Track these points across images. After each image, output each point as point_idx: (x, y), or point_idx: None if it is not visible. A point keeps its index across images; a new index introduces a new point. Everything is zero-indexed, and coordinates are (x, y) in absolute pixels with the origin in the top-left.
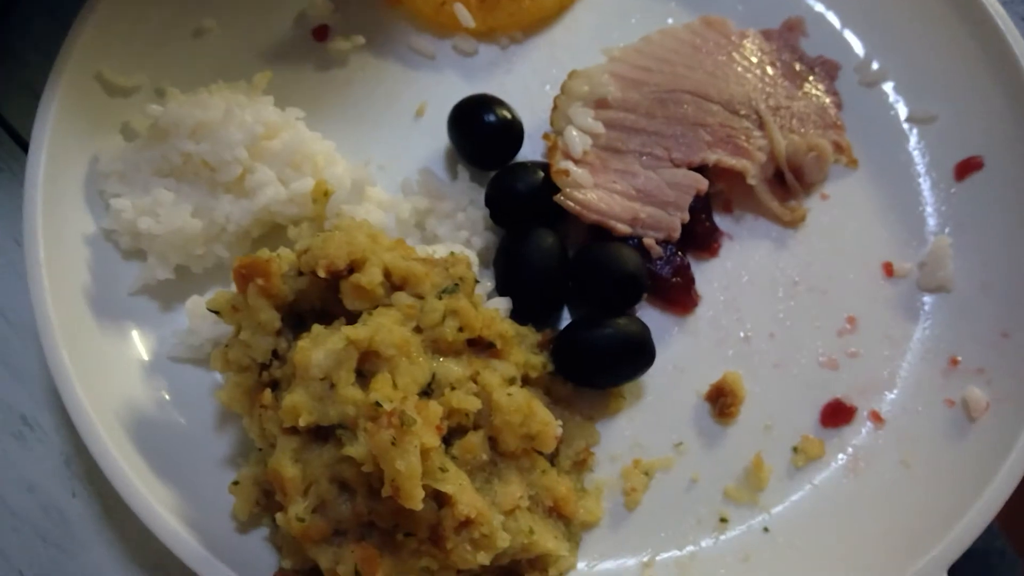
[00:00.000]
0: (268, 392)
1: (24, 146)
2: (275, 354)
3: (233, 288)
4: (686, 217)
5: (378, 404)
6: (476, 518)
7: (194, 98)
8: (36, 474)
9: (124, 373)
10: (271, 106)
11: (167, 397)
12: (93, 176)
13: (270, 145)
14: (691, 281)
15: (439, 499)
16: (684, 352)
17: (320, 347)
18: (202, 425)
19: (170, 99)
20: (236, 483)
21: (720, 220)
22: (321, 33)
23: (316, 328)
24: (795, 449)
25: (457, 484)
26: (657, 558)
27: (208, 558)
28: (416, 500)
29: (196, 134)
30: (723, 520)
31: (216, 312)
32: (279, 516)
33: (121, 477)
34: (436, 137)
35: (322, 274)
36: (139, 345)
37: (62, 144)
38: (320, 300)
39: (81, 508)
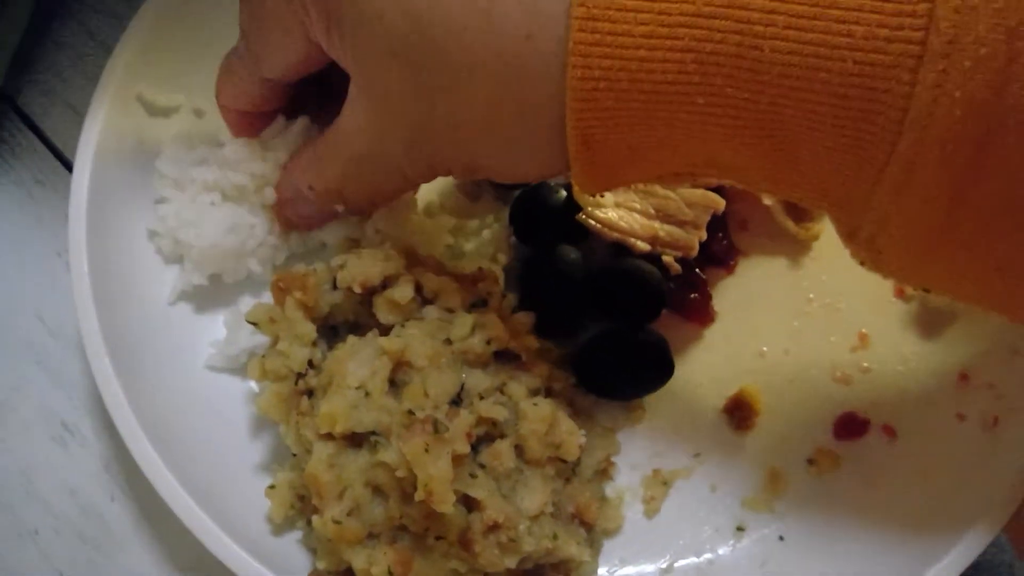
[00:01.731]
0: (305, 400)
1: (65, 162)
2: (311, 364)
3: (265, 299)
4: (704, 235)
5: (411, 412)
6: (503, 523)
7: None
8: (77, 478)
9: (163, 381)
10: None
11: (204, 404)
12: (133, 193)
13: None
14: (708, 297)
15: (468, 504)
16: (702, 366)
17: (355, 357)
18: (237, 432)
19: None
20: (272, 487)
21: (736, 238)
22: None
23: (351, 339)
24: (810, 461)
25: (486, 490)
26: (676, 564)
27: (246, 559)
28: (447, 504)
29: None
30: (740, 529)
31: (254, 324)
32: (315, 519)
33: (163, 479)
34: None
35: (358, 290)
36: (177, 354)
37: (105, 162)
38: (354, 313)
39: (120, 511)
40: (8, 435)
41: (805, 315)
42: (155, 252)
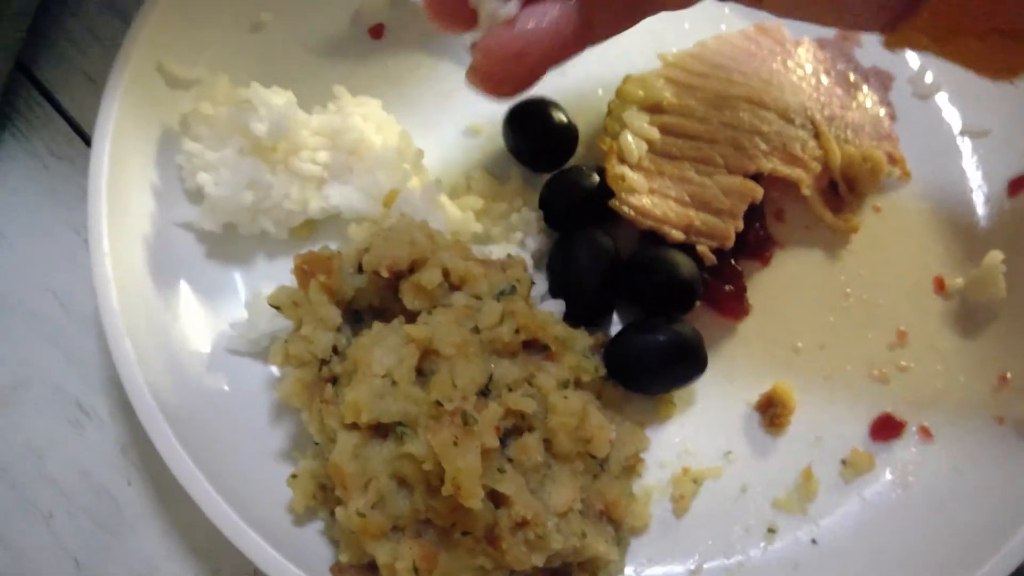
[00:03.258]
0: (329, 387)
1: (81, 134)
2: (335, 350)
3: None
4: (740, 225)
5: (439, 403)
6: (531, 519)
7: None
8: (91, 460)
9: (182, 364)
10: (379, 108)
11: (225, 388)
12: (155, 166)
13: (367, 145)
14: (743, 290)
15: (495, 499)
16: (734, 361)
17: (381, 344)
18: (258, 418)
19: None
20: (294, 476)
21: (773, 229)
22: (377, 31)
23: (377, 325)
24: (844, 462)
25: (514, 485)
26: (704, 566)
27: (265, 548)
28: (476, 499)
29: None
30: (771, 530)
31: (276, 307)
32: (339, 510)
33: (180, 463)
34: (489, 138)
35: (384, 274)
36: (198, 337)
37: (125, 135)
38: (379, 298)
39: (135, 495)
40: (21, 415)
41: (842, 310)
42: (175, 229)
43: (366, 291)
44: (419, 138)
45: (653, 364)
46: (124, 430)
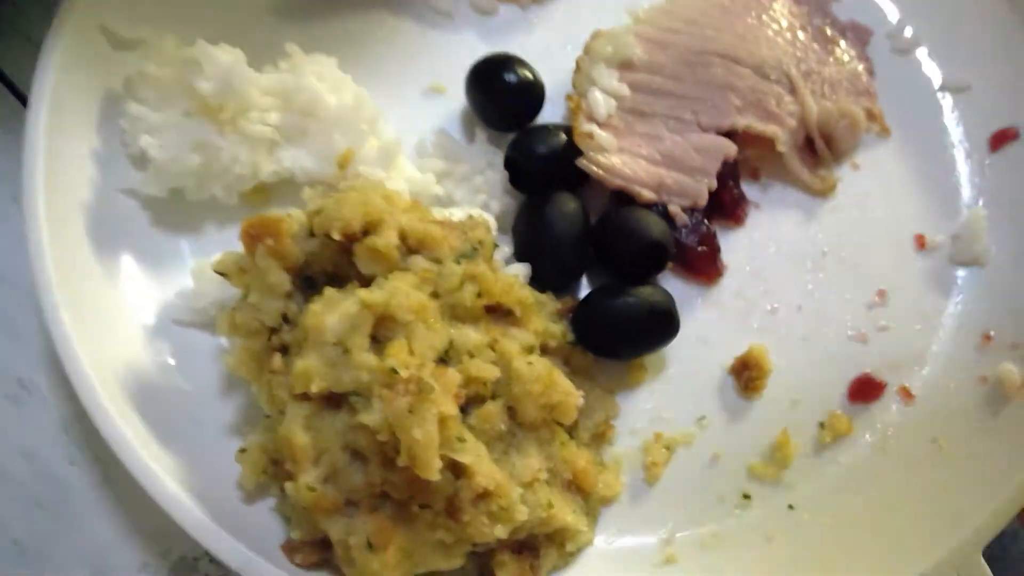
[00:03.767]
0: (278, 357)
1: (23, 99)
2: (285, 318)
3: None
4: (713, 184)
5: (394, 370)
6: (494, 490)
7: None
8: (33, 440)
9: (126, 336)
10: (334, 67)
11: (171, 361)
12: (96, 130)
13: (322, 105)
14: (717, 250)
15: (456, 470)
16: (708, 324)
17: (333, 311)
18: (207, 391)
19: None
20: (243, 451)
21: (747, 188)
22: None
23: (329, 291)
24: (822, 425)
25: (475, 455)
26: (677, 535)
27: (213, 528)
28: (433, 470)
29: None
30: (746, 497)
31: (223, 274)
32: (289, 485)
33: (122, 442)
34: (453, 97)
35: (336, 236)
36: (142, 307)
37: (64, 98)
38: (332, 263)
39: (80, 475)
40: None
41: (819, 270)
42: (117, 195)
43: (319, 256)
44: (378, 98)
45: (623, 328)
46: (67, 408)
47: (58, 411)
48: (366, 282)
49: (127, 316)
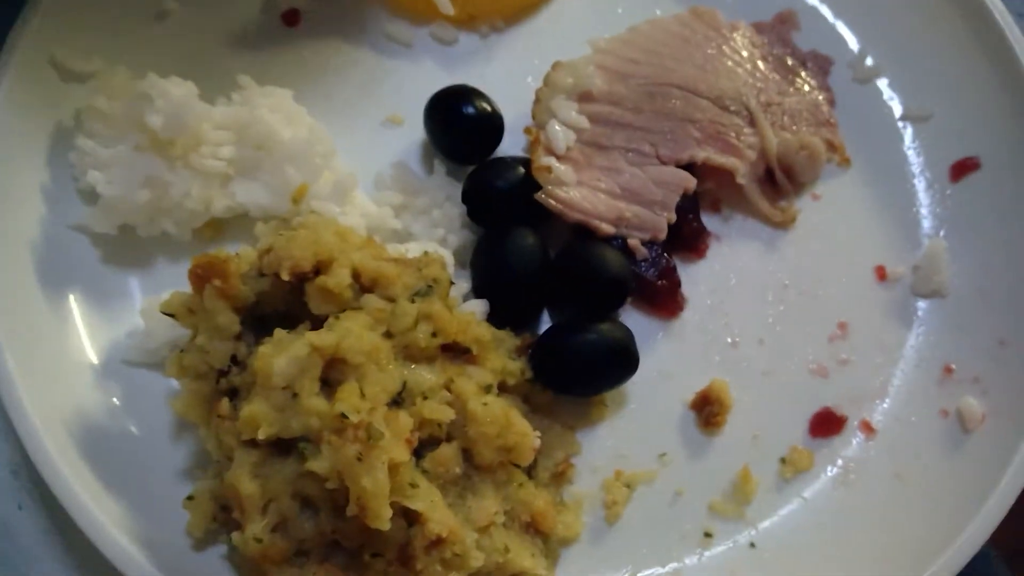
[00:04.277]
0: (226, 401)
1: None
2: (234, 360)
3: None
4: (673, 217)
5: (344, 416)
6: (448, 537)
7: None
8: None
9: (74, 377)
10: (289, 99)
11: (119, 403)
12: (45, 165)
13: (276, 139)
14: (677, 284)
15: (409, 516)
16: (669, 358)
17: (283, 354)
18: (156, 435)
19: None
20: (191, 498)
21: (708, 220)
22: (291, 18)
23: (278, 333)
24: (783, 460)
25: (428, 501)
26: (639, 575)
27: None
28: (383, 520)
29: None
30: (708, 535)
31: (171, 315)
32: (235, 536)
33: (66, 489)
34: (412, 129)
35: (285, 276)
36: (90, 348)
37: (12, 131)
38: (284, 303)
39: (29, 520)
40: None
41: (780, 303)
42: (66, 231)
43: (270, 296)
44: (334, 130)
45: (583, 365)
46: (16, 451)
47: (6, 454)
48: (318, 322)
49: (75, 356)
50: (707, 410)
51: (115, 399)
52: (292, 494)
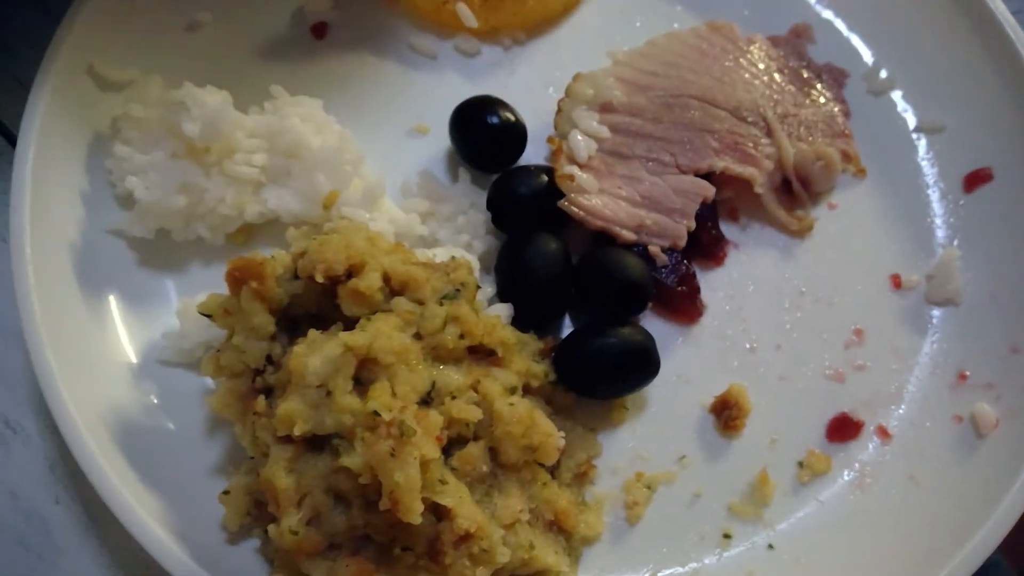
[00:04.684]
0: (262, 399)
1: (12, 140)
2: (269, 359)
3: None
4: (692, 225)
5: (376, 413)
6: (476, 532)
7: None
8: (19, 479)
9: (112, 376)
10: (319, 109)
11: (156, 401)
12: (83, 171)
13: (306, 147)
14: (696, 290)
15: (437, 512)
16: (688, 363)
17: (317, 353)
18: (191, 431)
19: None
20: (226, 492)
21: (726, 228)
22: (319, 30)
23: (312, 333)
24: (800, 464)
25: (457, 497)
26: (659, 574)
27: (196, 569)
28: (415, 514)
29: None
30: (727, 536)
31: (208, 316)
32: (271, 528)
33: (106, 484)
34: (436, 138)
35: (319, 278)
36: (128, 348)
37: (51, 138)
38: (316, 304)
39: (64, 515)
40: None
41: (797, 309)
42: (103, 235)
43: (303, 297)
44: (362, 139)
45: (605, 368)
46: (53, 447)
47: (44, 451)
48: (349, 323)
49: (113, 356)
50: (726, 414)
51: (151, 397)
52: (325, 489)
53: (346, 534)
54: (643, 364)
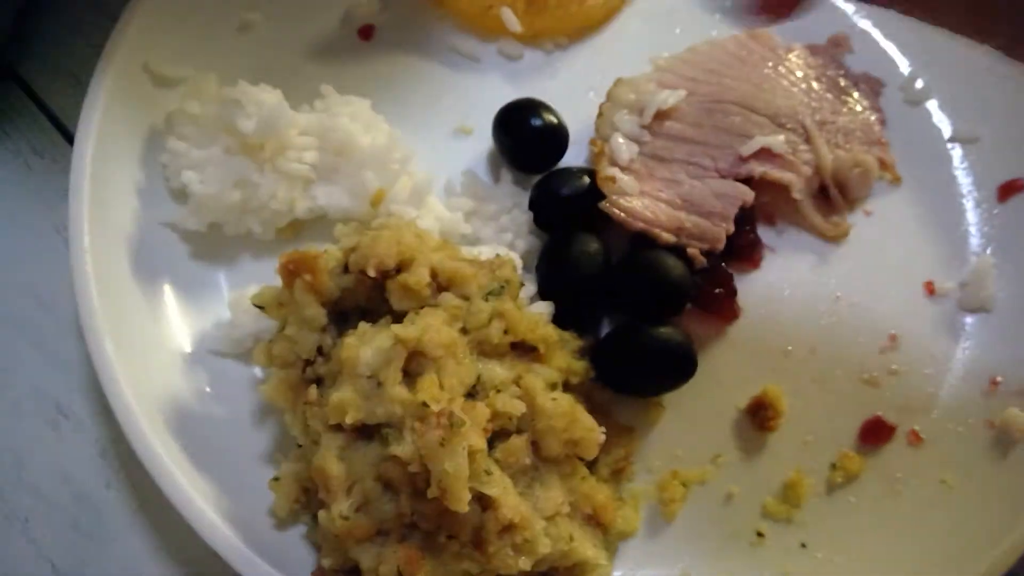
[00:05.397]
0: (314, 388)
1: (66, 133)
2: (319, 351)
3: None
4: (731, 228)
5: (426, 404)
6: (519, 522)
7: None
8: (71, 463)
9: (165, 364)
10: (368, 108)
11: (208, 390)
12: (139, 166)
13: (355, 145)
14: (734, 293)
15: (482, 502)
16: (725, 364)
17: (368, 345)
18: (241, 419)
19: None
20: (276, 479)
21: (763, 233)
22: (366, 32)
23: (363, 326)
24: (834, 466)
25: (501, 488)
26: (693, 571)
27: (246, 553)
28: (463, 502)
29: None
30: (760, 535)
31: (261, 307)
32: (322, 514)
33: (160, 467)
34: (480, 139)
35: (371, 273)
36: (181, 337)
37: (109, 134)
38: (365, 298)
39: (115, 499)
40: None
41: (833, 314)
42: (158, 229)
43: (353, 291)
44: (409, 139)
45: (642, 367)
46: (104, 432)
47: (96, 436)
48: (398, 317)
49: (166, 345)
50: (761, 415)
51: (203, 385)
52: (375, 477)
53: (394, 521)
54: (681, 364)
